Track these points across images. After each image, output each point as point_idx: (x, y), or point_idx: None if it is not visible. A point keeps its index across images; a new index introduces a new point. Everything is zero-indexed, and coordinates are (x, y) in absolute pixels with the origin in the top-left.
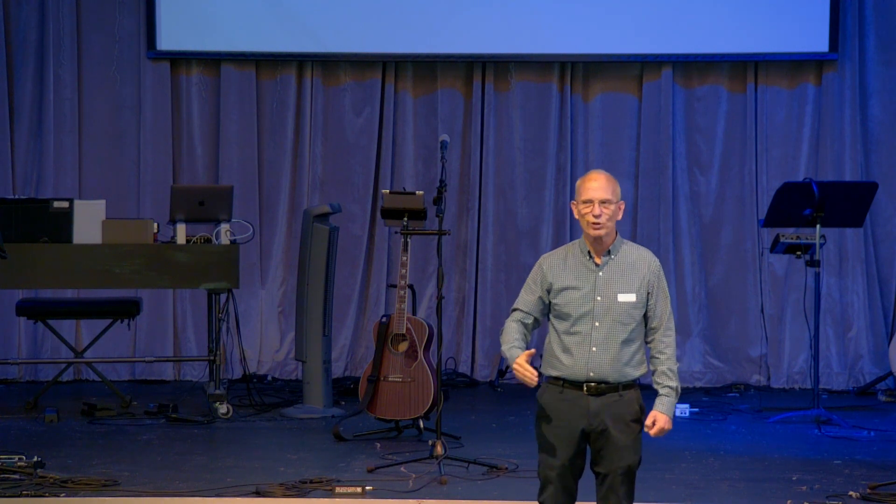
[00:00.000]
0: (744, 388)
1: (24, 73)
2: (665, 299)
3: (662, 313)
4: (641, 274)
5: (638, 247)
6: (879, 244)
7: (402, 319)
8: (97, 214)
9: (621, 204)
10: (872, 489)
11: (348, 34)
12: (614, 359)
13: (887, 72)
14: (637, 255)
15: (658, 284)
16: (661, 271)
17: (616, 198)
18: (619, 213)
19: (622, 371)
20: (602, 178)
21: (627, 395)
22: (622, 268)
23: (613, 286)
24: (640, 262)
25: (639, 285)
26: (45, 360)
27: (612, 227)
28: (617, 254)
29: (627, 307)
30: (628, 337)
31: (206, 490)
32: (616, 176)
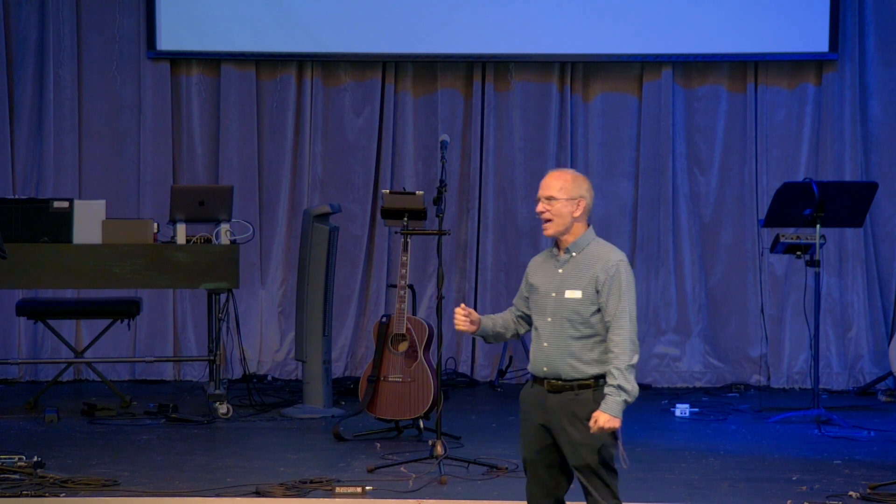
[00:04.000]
0: (744, 388)
1: (24, 73)
2: (618, 297)
3: (614, 311)
4: (593, 272)
5: (607, 246)
6: (879, 244)
7: (402, 319)
8: (97, 214)
9: (580, 202)
10: (872, 489)
11: (348, 34)
12: (565, 354)
13: (887, 72)
14: (598, 253)
15: (611, 282)
16: (619, 270)
17: (565, 195)
18: (577, 210)
19: (575, 367)
20: (551, 176)
21: (584, 395)
22: (580, 265)
23: (567, 283)
24: (598, 260)
25: (587, 282)
26: (45, 360)
27: (563, 225)
28: (580, 252)
29: (574, 303)
30: (580, 334)
31: (206, 490)
32: (616, 176)
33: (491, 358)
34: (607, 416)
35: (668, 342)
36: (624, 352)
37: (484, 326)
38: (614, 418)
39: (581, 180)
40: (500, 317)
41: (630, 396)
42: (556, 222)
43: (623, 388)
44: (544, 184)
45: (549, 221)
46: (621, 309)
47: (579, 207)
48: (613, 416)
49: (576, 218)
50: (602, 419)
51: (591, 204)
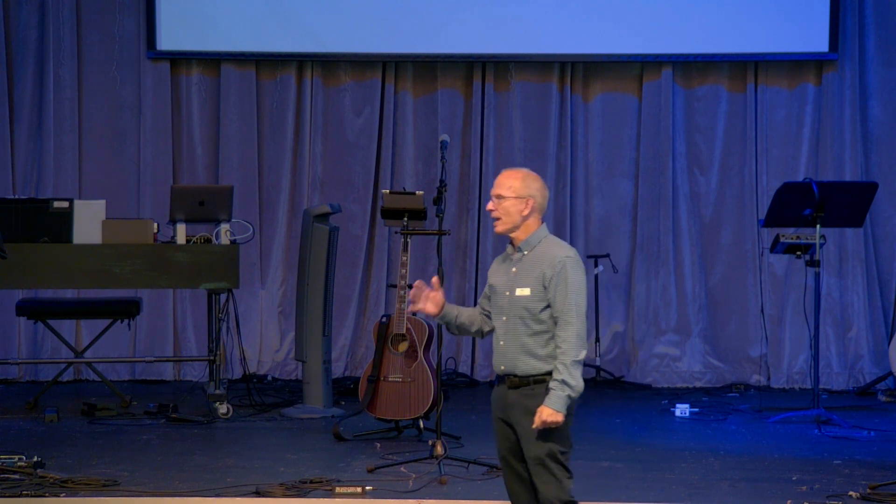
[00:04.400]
0: (744, 388)
1: (24, 73)
2: (565, 294)
3: (561, 307)
4: (541, 269)
5: (556, 243)
6: (879, 244)
7: (402, 319)
8: (97, 214)
9: (529, 201)
10: (872, 489)
11: (348, 34)
12: (519, 352)
13: (887, 72)
14: (547, 250)
15: (558, 278)
16: (565, 266)
17: (514, 194)
18: (526, 209)
19: (529, 364)
20: (503, 175)
21: (538, 389)
22: (530, 263)
23: (518, 281)
24: (546, 257)
25: (535, 279)
26: (45, 360)
27: (511, 223)
28: (531, 250)
29: (524, 301)
30: (532, 330)
31: (206, 490)
32: (616, 176)
33: (491, 358)
34: (550, 410)
35: (668, 342)
36: (570, 347)
37: (447, 312)
38: (557, 412)
39: (532, 179)
40: (467, 310)
41: (574, 392)
42: (504, 220)
43: (567, 382)
44: (496, 182)
45: (499, 219)
46: (568, 305)
47: (528, 206)
48: (556, 410)
49: (525, 216)
50: (545, 413)
51: (543, 203)
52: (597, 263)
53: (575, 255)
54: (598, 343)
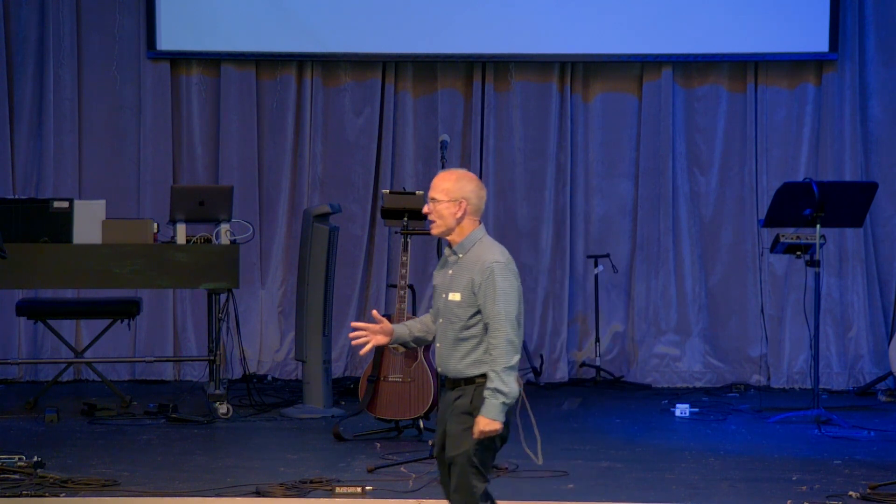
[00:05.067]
0: (744, 388)
1: (24, 73)
2: (493, 300)
3: (490, 314)
4: (471, 274)
5: (489, 247)
6: (879, 244)
7: (402, 319)
8: (97, 214)
9: (462, 203)
10: (872, 489)
11: (348, 34)
12: (451, 355)
13: (887, 72)
14: (478, 255)
15: (486, 285)
16: (493, 272)
17: (447, 197)
18: (459, 211)
19: (458, 369)
20: (438, 177)
21: (468, 389)
22: (463, 267)
23: (452, 285)
24: (476, 262)
25: (465, 284)
26: (45, 360)
27: (445, 226)
28: (465, 253)
29: (453, 306)
30: (460, 336)
31: (206, 490)
32: (616, 176)
33: None
34: (486, 419)
35: (668, 342)
36: (501, 354)
37: (399, 334)
38: (493, 421)
39: (466, 181)
40: (420, 321)
41: (508, 399)
42: (438, 223)
43: (500, 390)
44: (431, 185)
45: (433, 223)
46: (496, 311)
47: (461, 208)
48: (492, 419)
49: (459, 219)
50: (481, 423)
51: (478, 204)
52: (597, 263)
53: (505, 259)
54: (598, 343)
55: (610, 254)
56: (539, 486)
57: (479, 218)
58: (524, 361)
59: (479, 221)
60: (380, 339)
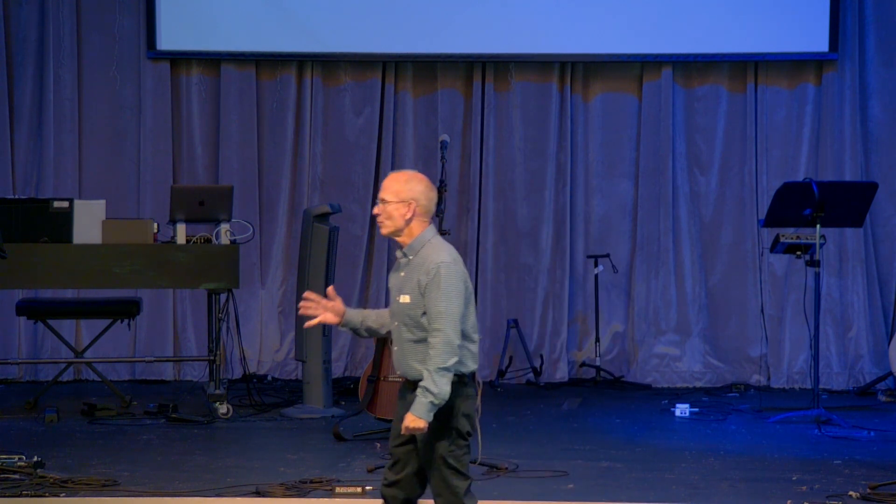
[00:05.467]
0: (744, 388)
1: (24, 73)
2: (437, 300)
3: (432, 314)
4: (419, 275)
5: (437, 248)
6: (879, 244)
7: None
8: (97, 214)
9: (411, 204)
10: (872, 489)
11: (348, 34)
12: (406, 357)
13: (887, 72)
14: (427, 255)
15: (431, 285)
16: (439, 272)
17: (396, 198)
18: (409, 212)
19: (416, 369)
20: (388, 178)
21: None
22: (413, 268)
23: (403, 287)
24: (424, 263)
25: (414, 286)
26: (45, 360)
27: (395, 227)
28: (415, 254)
29: (405, 308)
30: (415, 337)
31: (206, 490)
32: (616, 176)
33: (491, 358)
34: (412, 416)
35: (668, 342)
36: (437, 354)
37: (350, 319)
38: (419, 419)
39: (416, 182)
40: (377, 312)
41: (437, 399)
42: (387, 224)
43: (429, 390)
44: (382, 185)
45: (382, 223)
46: (438, 311)
47: (410, 209)
48: (418, 417)
49: (408, 220)
50: (407, 419)
51: (428, 205)
52: (597, 263)
53: (452, 259)
54: (598, 343)
55: (610, 254)
56: (539, 486)
57: (428, 219)
58: (524, 361)
59: (428, 222)
60: (329, 316)
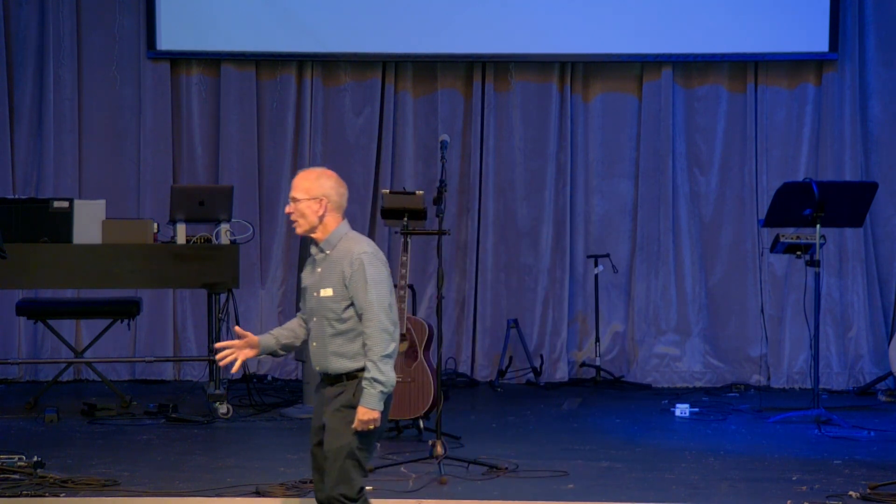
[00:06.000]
0: (744, 388)
1: (24, 73)
2: (365, 290)
3: (362, 304)
4: (341, 268)
5: (355, 240)
6: (879, 244)
7: (402, 319)
8: (97, 214)
9: (323, 200)
10: (872, 489)
11: (348, 34)
12: (328, 352)
13: (887, 72)
14: (346, 248)
15: (355, 274)
16: (363, 262)
17: (307, 195)
18: (321, 209)
19: (339, 363)
20: (298, 177)
21: (350, 385)
22: (332, 263)
23: (322, 281)
24: (345, 255)
25: (337, 279)
26: (45, 360)
27: (308, 224)
28: (332, 249)
29: (328, 302)
30: (336, 330)
31: (206, 490)
32: (616, 176)
33: (491, 358)
34: (365, 409)
35: (668, 342)
36: (376, 343)
37: (265, 344)
38: (372, 411)
39: (325, 179)
40: (285, 328)
41: (386, 387)
42: (300, 222)
43: (378, 380)
44: (292, 184)
45: (296, 222)
46: (369, 301)
47: (322, 206)
48: (371, 408)
49: (321, 216)
50: (360, 412)
51: (339, 201)
52: (597, 263)
53: (373, 250)
54: (598, 343)
55: (610, 254)
56: (539, 486)
57: (341, 214)
58: (524, 361)
59: (341, 217)
60: (247, 352)
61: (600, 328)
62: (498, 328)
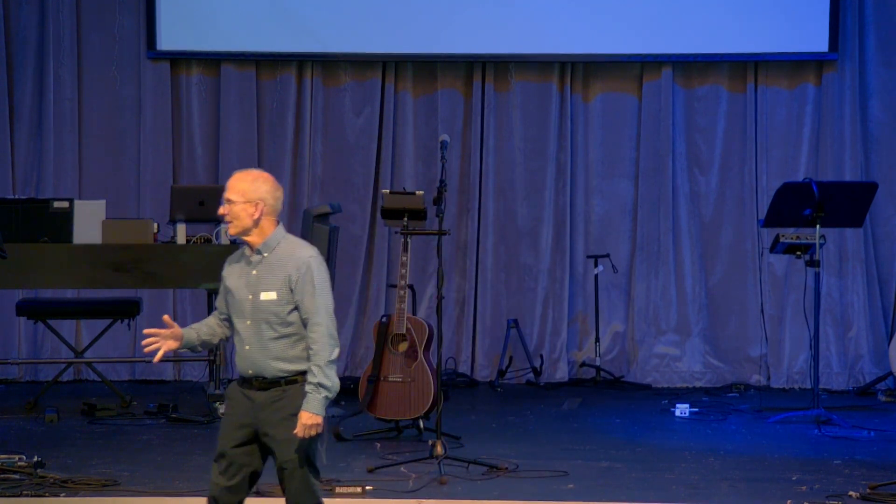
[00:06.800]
0: (744, 388)
1: (24, 73)
2: (312, 294)
3: (309, 308)
4: (286, 271)
5: (297, 244)
6: (879, 244)
7: (402, 319)
8: (97, 214)
9: (258, 203)
10: (872, 489)
11: (348, 34)
12: (267, 356)
13: (887, 72)
14: (289, 252)
15: (302, 279)
16: (310, 267)
17: (243, 198)
18: (256, 212)
19: (279, 367)
20: (233, 178)
21: (291, 390)
22: (272, 266)
23: (261, 284)
24: (290, 259)
25: (281, 282)
26: (45, 360)
27: (242, 226)
28: (270, 252)
29: (270, 305)
30: (278, 334)
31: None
32: (616, 176)
33: (491, 358)
34: (309, 413)
35: (668, 342)
36: (322, 348)
37: (188, 339)
38: (316, 416)
39: (261, 181)
40: (205, 324)
41: (331, 392)
42: (235, 224)
43: (323, 384)
44: (227, 185)
45: (230, 223)
46: (316, 306)
47: (258, 209)
48: (315, 413)
49: (256, 219)
50: (304, 417)
51: (275, 204)
52: (597, 263)
53: (317, 254)
54: (598, 343)
55: (610, 254)
56: (539, 486)
57: (276, 218)
58: (524, 361)
59: (277, 221)
60: (171, 343)
61: (600, 328)
62: (498, 328)
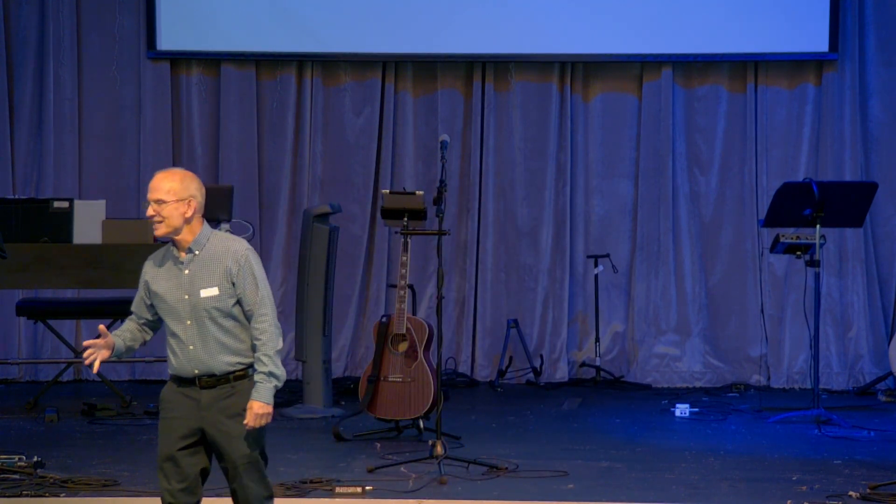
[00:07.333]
0: (744, 388)
1: (24, 73)
2: (254, 285)
3: (252, 300)
4: (224, 265)
5: (228, 238)
6: (879, 244)
7: (402, 319)
8: (97, 214)
9: (190, 201)
10: (872, 489)
11: (348, 34)
12: (214, 352)
13: (887, 72)
14: (222, 246)
15: (242, 271)
16: (248, 259)
17: (174, 197)
18: (188, 210)
19: (227, 361)
20: (159, 178)
21: (240, 386)
22: (206, 263)
23: (198, 283)
24: (225, 253)
25: (220, 277)
26: (45, 360)
27: (173, 226)
28: (201, 249)
29: (212, 301)
30: (225, 329)
31: (207, 490)
32: (616, 176)
33: (491, 358)
34: (260, 403)
35: (668, 342)
36: (270, 338)
37: (117, 348)
38: (267, 405)
39: (190, 179)
40: (127, 330)
41: (279, 381)
42: (166, 224)
43: (273, 374)
44: (152, 186)
45: (160, 223)
46: (260, 297)
47: (190, 207)
48: (266, 402)
49: (188, 218)
50: (255, 407)
51: (203, 201)
52: (597, 263)
53: (250, 246)
54: (598, 343)
55: (610, 254)
56: (539, 486)
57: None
58: (524, 361)
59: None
60: (104, 353)
61: (600, 328)
62: (498, 328)
